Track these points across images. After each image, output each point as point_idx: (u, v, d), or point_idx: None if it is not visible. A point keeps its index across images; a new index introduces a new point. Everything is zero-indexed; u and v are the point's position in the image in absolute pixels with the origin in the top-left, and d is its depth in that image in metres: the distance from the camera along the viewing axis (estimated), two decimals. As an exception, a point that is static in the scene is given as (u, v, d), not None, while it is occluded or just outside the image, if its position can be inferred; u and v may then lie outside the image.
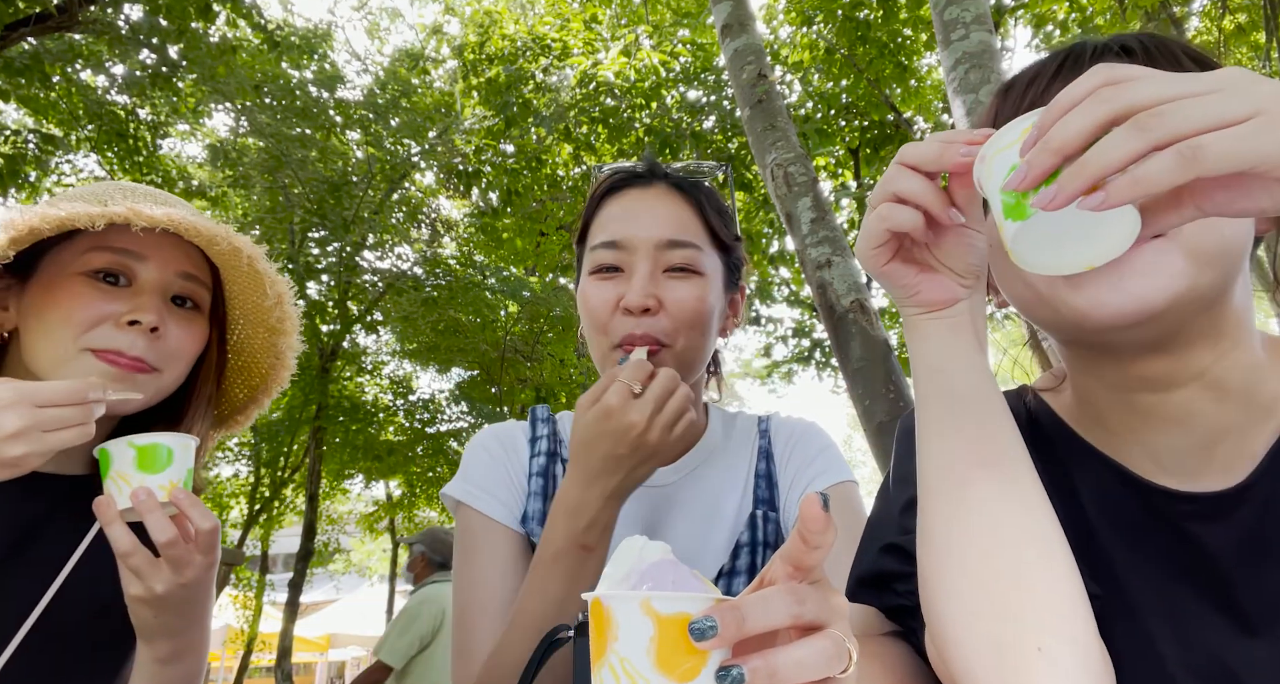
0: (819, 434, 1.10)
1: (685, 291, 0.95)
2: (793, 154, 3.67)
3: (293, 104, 9.50)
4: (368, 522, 14.84)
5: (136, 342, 0.92)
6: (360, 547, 21.48)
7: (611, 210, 1.01)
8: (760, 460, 1.07)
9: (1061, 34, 7.36)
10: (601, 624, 0.48)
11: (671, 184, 1.02)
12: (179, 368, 0.99)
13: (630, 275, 0.96)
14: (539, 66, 8.80)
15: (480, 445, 1.08)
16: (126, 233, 0.90)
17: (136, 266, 0.94)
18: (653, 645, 0.45)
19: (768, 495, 1.05)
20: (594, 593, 0.49)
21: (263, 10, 7.04)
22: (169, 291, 0.97)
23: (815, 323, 9.93)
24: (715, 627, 0.45)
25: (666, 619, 0.46)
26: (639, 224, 0.97)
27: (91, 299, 0.91)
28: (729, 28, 4.05)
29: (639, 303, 0.93)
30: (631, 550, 0.51)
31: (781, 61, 8.35)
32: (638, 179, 1.03)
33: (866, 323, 3.28)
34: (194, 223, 0.90)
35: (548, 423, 1.11)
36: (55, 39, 6.67)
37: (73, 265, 0.93)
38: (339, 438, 11.00)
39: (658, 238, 0.96)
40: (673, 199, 1.01)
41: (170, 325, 0.96)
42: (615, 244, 0.97)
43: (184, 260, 0.98)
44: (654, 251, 0.96)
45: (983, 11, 2.69)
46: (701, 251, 0.98)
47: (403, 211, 11.28)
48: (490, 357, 11.05)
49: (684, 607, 0.46)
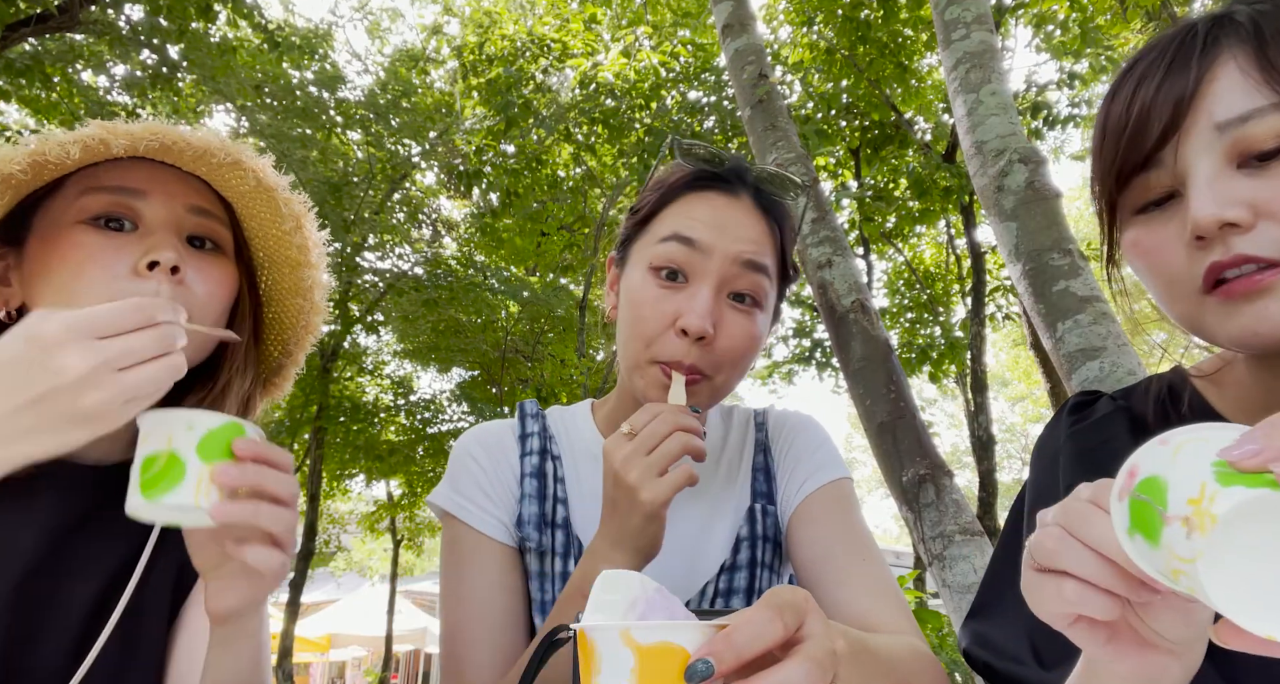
0: (816, 428, 1.09)
1: (742, 327, 0.91)
2: (793, 154, 3.67)
3: (293, 104, 9.51)
4: (369, 521, 14.86)
5: (161, 288, 0.79)
6: (361, 546, 21.50)
7: (694, 208, 0.94)
8: (758, 454, 1.07)
9: (1062, 34, 7.36)
10: (587, 656, 0.48)
11: (757, 198, 0.97)
12: (212, 319, 0.85)
13: (694, 285, 0.90)
14: (539, 67, 8.80)
15: (466, 453, 1.04)
16: (118, 169, 0.80)
17: (139, 205, 0.82)
18: (634, 677, 0.45)
19: (766, 489, 1.04)
20: (579, 624, 0.49)
21: (263, 10, 7.05)
22: (182, 229, 0.84)
23: (816, 323, 9.93)
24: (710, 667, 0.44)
25: (647, 649, 0.45)
26: (722, 233, 0.91)
27: (99, 248, 0.79)
28: (729, 28, 4.05)
29: (699, 328, 0.87)
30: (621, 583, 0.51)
31: (782, 62, 8.35)
32: (725, 184, 0.97)
33: (867, 323, 3.28)
34: (181, 134, 0.77)
35: (538, 419, 1.08)
36: (56, 39, 6.68)
37: (68, 215, 0.80)
38: (340, 438, 11.01)
39: (738, 253, 0.90)
40: (757, 217, 0.95)
41: (192, 270, 0.82)
42: (693, 243, 0.90)
43: (190, 193, 0.85)
44: (728, 266, 0.90)
45: (984, 11, 2.69)
46: (769, 280, 0.94)
47: (403, 212, 11.29)
48: (491, 357, 11.07)
49: (664, 636, 0.46)
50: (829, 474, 1.02)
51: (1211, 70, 0.63)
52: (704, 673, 0.44)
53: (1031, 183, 2.22)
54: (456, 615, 0.96)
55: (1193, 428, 0.44)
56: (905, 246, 11.17)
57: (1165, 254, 0.66)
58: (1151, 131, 0.64)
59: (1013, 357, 23.22)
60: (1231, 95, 0.61)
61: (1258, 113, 0.60)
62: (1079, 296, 2.08)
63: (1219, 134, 0.61)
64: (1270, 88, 0.60)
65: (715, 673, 0.44)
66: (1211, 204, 0.60)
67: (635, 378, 0.94)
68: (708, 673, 0.44)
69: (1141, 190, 0.67)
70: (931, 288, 11.07)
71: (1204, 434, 0.43)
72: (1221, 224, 0.60)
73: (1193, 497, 0.40)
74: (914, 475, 2.90)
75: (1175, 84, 0.64)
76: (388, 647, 14.41)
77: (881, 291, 11.61)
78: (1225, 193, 0.60)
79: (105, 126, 0.74)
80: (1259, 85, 0.60)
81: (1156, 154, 0.65)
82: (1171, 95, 0.63)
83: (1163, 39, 0.68)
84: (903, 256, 11.15)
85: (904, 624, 0.87)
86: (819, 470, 1.02)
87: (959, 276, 10.80)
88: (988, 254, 9.64)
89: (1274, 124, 0.59)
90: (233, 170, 0.83)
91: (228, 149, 0.80)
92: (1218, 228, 0.60)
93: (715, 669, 0.44)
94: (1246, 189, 0.60)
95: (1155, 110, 0.64)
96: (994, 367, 22.09)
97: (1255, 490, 0.37)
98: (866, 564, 0.92)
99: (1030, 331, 8.31)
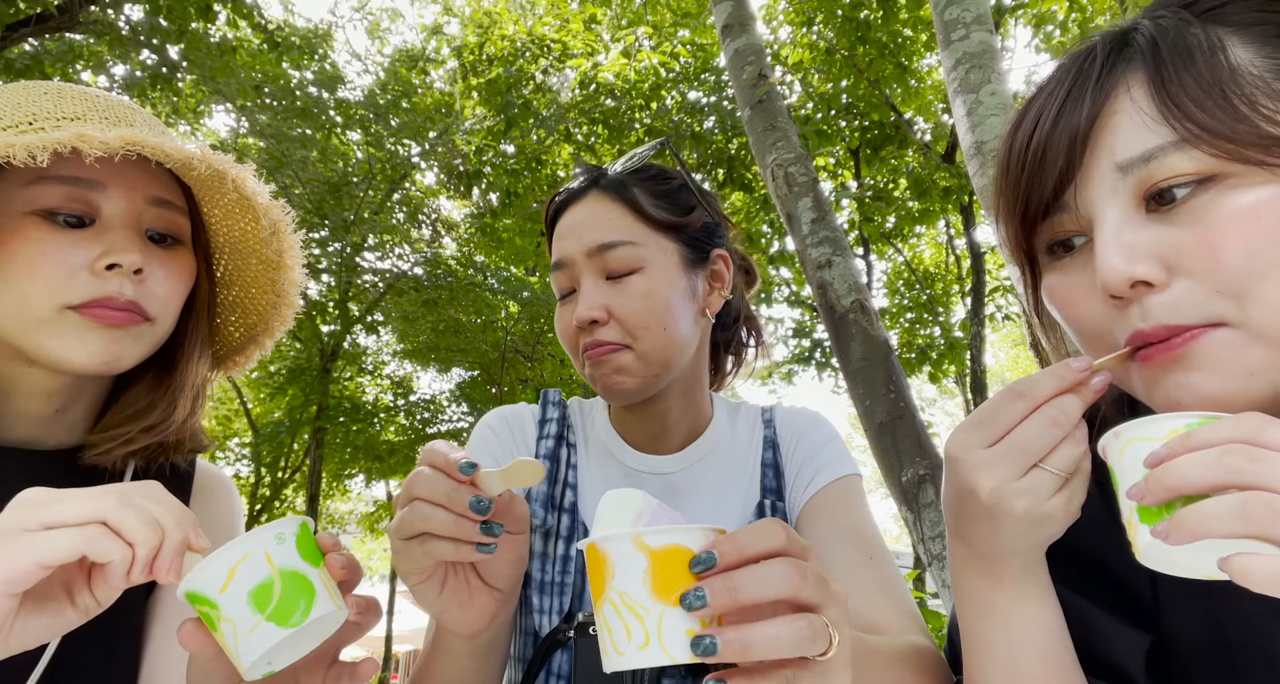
0: (824, 425, 1.10)
1: (629, 293, 0.94)
2: (793, 154, 3.68)
3: (293, 104, 9.51)
4: (368, 521, 14.87)
5: (124, 285, 0.76)
6: (361, 546, 21.49)
7: (558, 231, 1.01)
8: (766, 450, 1.07)
9: (1062, 34, 7.36)
10: (599, 567, 0.51)
11: (602, 188, 1.01)
12: (172, 314, 0.84)
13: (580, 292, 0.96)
14: (539, 67, 8.80)
15: (487, 425, 1.08)
16: (74, 156, 0.73)
17: (96, 198, 0.77)
18: (648, 577, 0.49)
19: (775, 484, 1.04)
20: (589, 539, 0.52)
21: (263, 10, 7.05)
22: (142, 225, 0.80)
23: (816, 323, 9.94)
24: (714, 559, 0.49)
25: (658, 551, 0.49)
26: (573, 238, 0.97)
27: (55, 245, 0.74)
28: (729, 28, 4.05)
29: (585, 316, 0.93)
30: (625, 499, 0.55)
31: (782, 62, 8.35)
32: (576, 193, 1.02)
33: (867, 323, 3.28)
34: (160, 144, 0.73)
35: (558, 407, 1.11)
36: (56, 40, 6.68)
37: (16, 203, 0.75)
38: (340, 438, 11.01)
39: (589, 246, 0.95)
40: (603, 202, 0.99)
41: (154, 267, 0.79)
42: (560, 264, 0.98)
43: (151, 183, 0.81)
44: (589, 261, 0.95)
45: (983, 11, 2.69)
46: (638, 245, 0.96)
47: (403, 212, 11.30)
48: (490, 357, 11.06)
49: (674, 538, 0.50)
50: (837, 470, 1.02)
51: (1110, 102, 0.57)
52: (707, 562, 0.49)
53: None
54: None
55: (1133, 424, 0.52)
56: (905, 247, 11.18)
57: (1081, 307, 0.61)
58: (1050, 173, 0.59)
59: (1013, 356, 23.21)
60: (1131, 131, 0.55)
61: (1159, 151, 0.54)
62: (1078, 297, 2.08)
63: (1122, 176, 0.56)
64: (1169, 123, 0.54)
65: (718, 564, 0.49)
66: (1119, 259, 0.55)
67: (592, 386, 0.99)
68: (710, 562, 0.49)
69: (1049, 232, 0.62)
70: (931, 288, 11.08)
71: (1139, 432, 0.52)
72: (1133, 282, 0.55)
73: (1127, 518, 0.53)
74: (914, 475, 2.90)
75: (1070, 119, 0.58)
76: (388, 647, 14.40)
77: (881, 292, 11.61)
78: (1134, 245, 0.55)
79: (80, 135, 0.70)
80: (1157, 121, 0.54)
81: (1059, 198, 0.59)
82: (1067, 132, 0.58)
83: (1064, 62, 0.62)
84: (902, 257, 11.15)
85: (910, 623, 0.88)
86: (827, 466, 1.02)
87: (959, 277, 10.81)
88: (987, 254, 9.64)
89: (1177, 163, 0.54)
90: (213, 179, 0.81)
91: (210, 161, 0.77)
92: (1129, 287, 0.55)
93: (718, 560, 0.49)
94: (1156, 238, 0.55)
95: (1051, 150, 0.59)
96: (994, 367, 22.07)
97: (1149, 537, 0.50)
98: (873, 562, 0.92)
99: (1030, 332, 8.31)
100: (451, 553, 0.61)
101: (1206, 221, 0.53)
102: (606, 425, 1.08)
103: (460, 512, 0.60)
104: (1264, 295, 0.52)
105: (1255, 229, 0.52)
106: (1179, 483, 0.47)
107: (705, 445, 1.06)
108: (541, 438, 1.06)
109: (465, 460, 0.60)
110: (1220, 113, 0.53)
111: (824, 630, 0.50)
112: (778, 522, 0.53)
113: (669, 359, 0.96)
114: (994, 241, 6.66)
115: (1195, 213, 0.54)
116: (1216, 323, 0.53)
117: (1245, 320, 0.53)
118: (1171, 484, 0.47)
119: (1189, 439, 0.48)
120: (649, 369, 0.95)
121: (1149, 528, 0.50)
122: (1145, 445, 0.51)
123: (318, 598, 0.59)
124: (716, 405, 1.10)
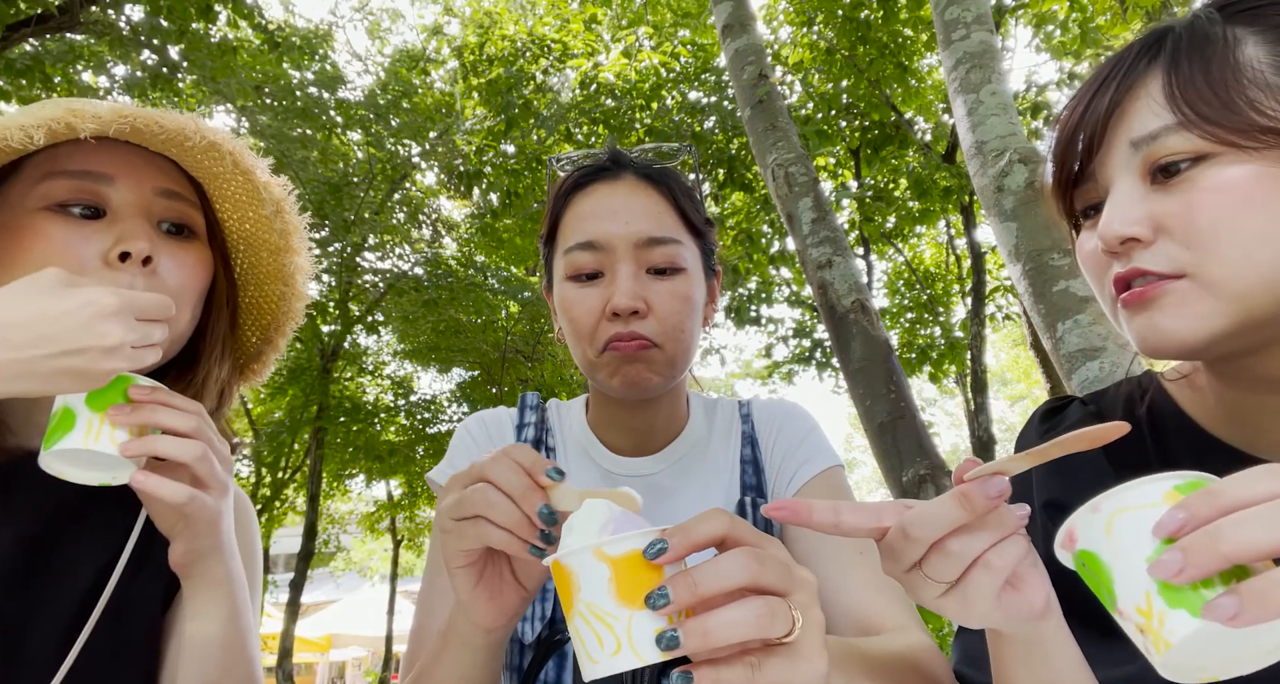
0: (804, 417, 1.08)
1: (671, 292, 0.92)
2: (794, 154, 3.68)
3: (293, 105, 9.50)
4: (369, 522, 14.86)
5: (136, 281, 0.77)
6: (361, 546, 21.48)
7: (582, 208, 0.95)
8: (745, 446, 1.05)
9: (1062, 34, 7.36)
10: (565, 581, 0.52)
11: (640, 175, 0.97)
12: (188, 309, 0.83)
13: (612, 278, 0.91)
14: (539, 68, 8.80)
15: (466, 430, 1.06)
16: (81, 151, 0.76)
17: (105, 191, 0.78)
18: (611, 585, 0.50)
19: (755, 482, 1.02)
20: (552, 557, 0.53)
21: (264, 11, 7.05)
22: (152, 215, 0.81)
23: (816, 323, 9.93)
24: (665, 545, 0.51)
25: (618, 559, 0.51)
26: (615, 222, 0.92)
27: (66, 238, 0.76)
28: (729, 28, 4.05)
29: (629, 305, 0.88)
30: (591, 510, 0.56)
31: (782, 62, 8.35)
32: (605, 172, 0.97)
33: (867, 323, 3.28)
34: (152, 116, 0.74)
35: (536, 411, 1.08)
36: (56, 40, 6.68)
37: (28, 201, 0.77)
38: (340, 438, 11.01)
39: (638, 236, 0.91)
40: (644, 191, 0.95)
41: (165, 258, 0.80)
42: (592, 245, 0.91)
43: (159, 175, 0.82)
44: (635, 251, 0.91)
45: (984, 11, 2.69)
46: (682, 245, 0.94)
47: (404, 212, 11.29)
48: (491, 357, 11.06)
49: (631, 545, 0.51)
50: (820, 463, 1.01)
51: (1133, 90, 0.68)
52: (659, 550, 0.51)
53: (1031, 183, 2.22)
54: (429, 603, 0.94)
55: (1115, 493, 0.48)
56: (905, 247, 11.17)
57: (1092, 261, 0.71)
58: (1078, 147, 0.71)
59: (1013, 356, 23.19)
60: (1144, 114, 0.66)
61: (1163, 132, 0.64)
62: (1079, 297, 2.08)
63: (1134, 151, 0.66)
64: (1172, 109, 0.64)
65: (669, 551, 0.51)
66: (1116, 221, 0.65)
67: (597, 376, 0.94)
68: (662, 550, 0.51)
69: (1081, 199, 0.74)
70: (931, 288, 11.07)
71: (1128, 500, 0.47)
72: (1123, 240, 0.65)
73: (1140, 607, 0.45)
74: (914, 475, 2.90)
75: (1099, 103, 0.69)
76: (388, 647, 14.40)
77: (881, 292, 11.60)
78: (1132, 209, 0.65)
79: (71, 108, 0.71)
80: (1164, 106, 0.65)
81: (1086, 168, 0.71)
82: (1095, 114, 0.69)
83: (1112, 55, 0.73)
84: (903, 257, 11.14)
85: (907, 618, 0.87)
86: (809, 460, 1.01)
87: (959, 277, 10.80)
88: (988, 254, 9.64)
89: (1176, 143, 0.63)
90: (207, 153, 0.80)
91: (202, 131, 0.77)
92: (1119, 243, 0.65)
93: (669, 548, 0.51)
94: (1152, 205, 0.65)
95: (1082, 128, 0.70)
96: (994, 367, 22.08)
97: (1197, 622, 0.42)
98: (864, 556, 0.91)
99: (1030, 331, 8.31)
100: (502, 542, 0.61)
101: (1191, 191, 0.63)
102: (584, 428, 1.06)
103: (529, 511, 0.60)
104: (1220, 253, 0.61)
105: (1226, 199, 0.61)
106: (1238, 548, 0.41)
107: (682, 446, 1.04)
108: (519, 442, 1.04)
109: (553, 466, 0.62)
110: (1216, 102, 0.62)
111: (784, 611, 0.50)
112: (722, 511, 0.54)
113: (684, 364, 0.96)
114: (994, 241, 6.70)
115: (1185, 185, 0.63)
116: (1180, 274, 0.63)
117: (1200, 273, 0.62)
118: (1228, 551, 0.41)
119: (1217, 499, 0.43)
120: (672, 371, 0.94)
121: (1184, 612, 0.42)
122: (1146, 513, 0.45)
123: (71, 434, 0.69)
124: (692, 403, 1.09)
